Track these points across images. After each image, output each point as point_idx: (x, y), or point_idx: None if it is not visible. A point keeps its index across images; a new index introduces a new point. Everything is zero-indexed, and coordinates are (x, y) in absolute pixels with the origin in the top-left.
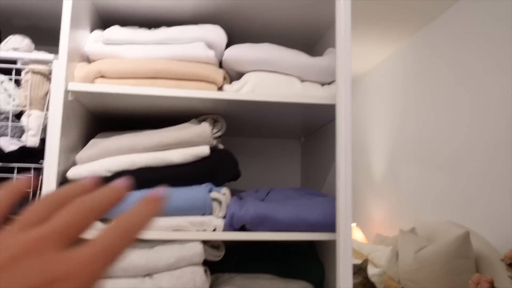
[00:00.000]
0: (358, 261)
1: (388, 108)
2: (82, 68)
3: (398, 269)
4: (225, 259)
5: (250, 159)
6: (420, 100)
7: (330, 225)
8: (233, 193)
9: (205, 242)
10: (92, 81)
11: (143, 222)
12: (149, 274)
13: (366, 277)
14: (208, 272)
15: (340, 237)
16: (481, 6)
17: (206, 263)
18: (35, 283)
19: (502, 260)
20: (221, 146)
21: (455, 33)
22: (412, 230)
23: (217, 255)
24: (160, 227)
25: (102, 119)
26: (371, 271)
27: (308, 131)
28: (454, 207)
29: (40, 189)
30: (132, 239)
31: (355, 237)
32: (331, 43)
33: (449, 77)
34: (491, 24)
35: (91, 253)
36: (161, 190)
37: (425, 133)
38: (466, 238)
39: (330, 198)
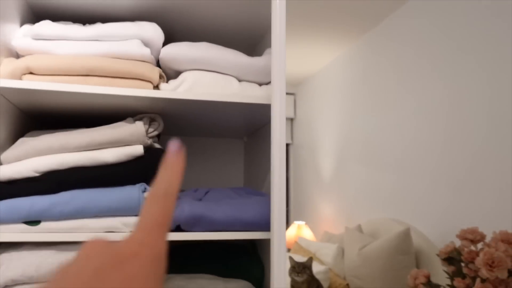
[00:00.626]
0: (304, 259)
1: (337, 109)
2: (9, 64)
3: (343, 266)
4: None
5: (193, 158)
6: (367, 102)
7: (265, 225)
8: None
9: None
10: (19, 77)
11: (176, 180)
12: None
13: (311, 275)
14: None
15: (274, 236)
16: (422, 13)
17: None
18: (104, 263)
19: (438, 255)
20: (157, 146)
21: (398, 37)
22: (358, 228)
23: None
24: (92, 229)
25: (33, 117)
26: (317, 268)
27: (250, 131)
28: (398, 205)
29: None
30: (174, 200)
31: (304, 235)
32: (270, 44)
33: (394, 80)
34: (431, 29)
35: (146, 229)
36: (175, 145)
37: (371, 134)
38: (406, 234)
39: (267, 197)
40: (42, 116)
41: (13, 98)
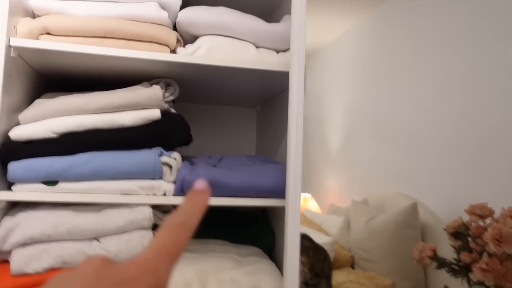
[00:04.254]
0: (311, 230)
1: (347, 82)
2: (25, 24)
3: (349, 238)
4: None
5: (205, 126)
6: (379, 75)
7: (280, 192)
8: (186, 159)
9: (155, 207)
10: (36, 37)
11: (196, 215)
12: (96, 238)
13: (311, 240)
14: None
15: (289, 203)
16: None
17: (157, 229)
18: (105, 284)
19: (445, 229)
20: (173, 111)
21: (414, 8)
22: (364, 201)
23: None
24: (109, 191)
25: (49, 79)
26: (323, 239)
27: (264, 99)
28: (405, 179)
29: None
30: (189, 233)
31: (310, 207)
32: (289, 11)
33: (408, 53)
34: (448, 0)
35: (153, 254)
36: (202, 183)
37: (381, 107)
38: (413, 208)
39: (282, 165)
40: (58, 79)
41: (29, 58)
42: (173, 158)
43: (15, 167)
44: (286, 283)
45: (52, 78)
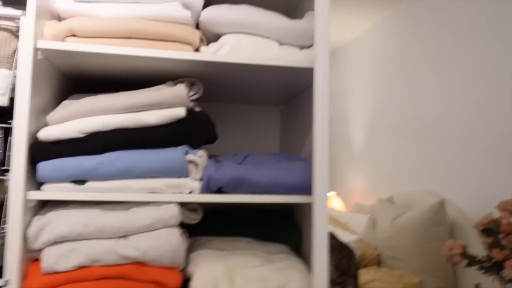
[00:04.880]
0: (337, 229)
1: (369, 78)
2: (52, 26)
3: (375, 237)
4: (203, 224)
5: (229, 125)
6: (401, 71)
7: (306, 189)
8: (211, 158)
9: (182, 205)
10: (62, 39)
11: None
12: (125, 236)
13: (336, 239)
14: (185, 235)
15: (316, 199)
16: None
17: (184, 227)
18: None
19: (475, 227)
20: (198, 109)
21: (434, 4)
22: (390, 199)
23: (194, 218)
24: (136, 189)
25: (75, 81)
26: (348, 238)
27: (287, 98)
28: (431, 176)
29: (9, 150)
30: None
31: (334, 206)
32: (311, 7)
33: (430, 47)
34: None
35: None
36: None
37: (405, 104)
38: (441, 206)
39: (308, 162)
40: (83, 80)
41: (56, 60)
42: (199, 156)
43: (44, 167)
44: (315, 281)
45: (78, 80)
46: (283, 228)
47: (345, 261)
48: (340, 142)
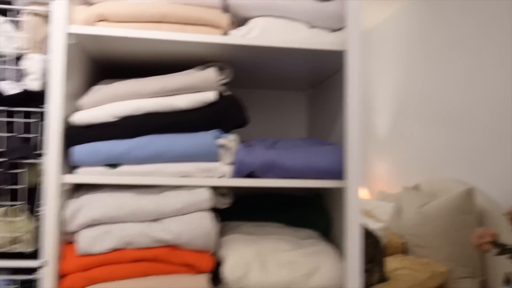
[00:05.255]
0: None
1: (393, 64)
2: (82, 11)
3: (401, 225)
4: (232, 209)
5: (255, 111)
6: (426, 56)
7: (338, 173)
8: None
9: (213, 190)
10: (92, 24)
11: None
12: (157, 219)
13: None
14: (217, 219)
15: (349, 184)
16: None
17: (214, 212)
18: None
19: (505, 215)
20: (227, 94)
21: None
22: (416, 187)
23: (224, 203)
24: (168, 173)
25: (105, 67)
26: (374, 225)
27: (315, 83)
28: (458, 164)
29: (42, 134)
30: None
31: None
32: None
33: (454, 33)
34: None
35: None
36: None
37: (430, 90)
38: (469, 193)
39: (339, 146)
40: (113, 67)
41: (87, 45)
42: (230, 140)
43: (78, 151)
44: (348, 267)
45: (107, 66)
46: (312, 214)
47: (371, 249)
48: (363, 129)
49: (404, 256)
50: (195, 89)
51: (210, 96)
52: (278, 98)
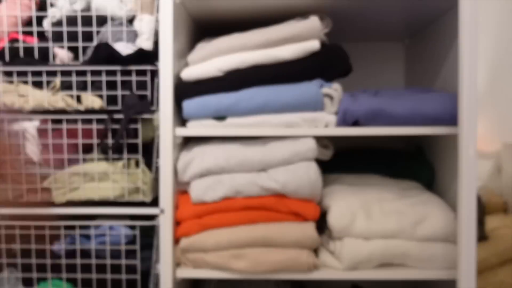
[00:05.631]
0: None
1: (494, 10)
2: None
3: (501, 183)
4: (333, 162)
5: (352, 64)
6: None
7: (450, 120)
8: None
9: (316, 141)
10: None
11: None
12: (264, 169)
13: None
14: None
15: (463, 130)
16: None
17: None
18: None
19: None
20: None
21: None
22: None
23: (327, 154)
24: (273, 124)
25: (206, 27)
26: None
27: (414, 31)
28: None
29: (157, 92)
30: None
31: None
32: None
33: None
34: None
35: None
36: None
37: None
38: None
39: (448, 93)
40: (213, 26)
41: (188, 5)
42: (334, 89)
43: (188, 105)
44: (463, 217)
45: (208, 26)
46: (415, 165)
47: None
48: None
49: (505, 215)
50: (299, 39)
51: (314, 44)
52: (375, 50)
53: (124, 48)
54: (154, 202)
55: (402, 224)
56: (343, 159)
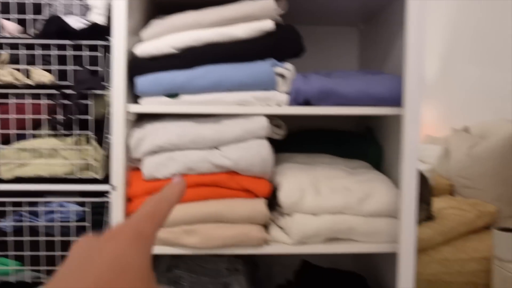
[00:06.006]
0: None
1: (447, 4)
2: None
3: (448, 167)
4: (285, 142)
5: (307, 47)
6: None
7: (396, 100)
8: None
9: (268, 120)
10: None
11: (175, 194)
12: (217, 146)
13: None
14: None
15: (407, 111)
16: None
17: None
18: (92, 241)
19: None
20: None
21: None
22: (465, 129)
23: (279, 133)
24: (226, 102)
25: (162, 6)
26: (420, 167)
27: (368, 16)
28: (510, 104)
29: (109, 67)
30: (168, 207)
31: None
32: None
33: None
34: None
35: (131, 217)
36: (177, 178)
37: (484, 27)
38: None
39: (396, 75)
40: (169, 4)
41: None
42: (287, 68)
43: (141, 82)
44: (404, 192)
45: (163, 5)
46: (363, 145)
47: (418, 187)
48: None
49: (451, 197)
50: (254, 18)
51: (268, 24)
52: (330, 34)
53: (76, 22)
54: (106, 180)
55: (349, 200)
56: (296, 139)
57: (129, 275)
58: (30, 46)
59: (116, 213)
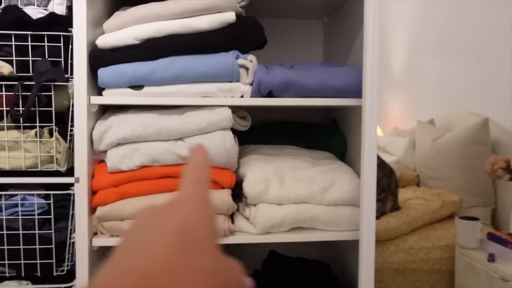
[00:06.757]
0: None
1: (412, 1)
2: None
3: (414, 158)
4: (251, 134)
5: (271, 40)
6: None
7: (356, 92)
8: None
9: (233, 112)
10: None
11: (207, 166)
12: (181, 138)
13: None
14: (237, 140)
15: (366, 102)
16: None
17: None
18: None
19: None
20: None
21: None
22: (430, 122)
23: (244, 125)
24: (190, 94)
25: None
26: (387, 159)
27: (331, 9)
28: (476, 98)
29: (71, 58)
30: (208, 171)
31: None
32: None
33: None
34: None
35: (187, 185)
36: (196, 145)
37: (448, 23)
38: (484, 124)
39: (356, 67)
40: None
41: None
42: (249, 60)
43: (104, 73)
44: (364, 181)
45: None
46: (328, 136)
47: (385, 179)
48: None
49: (417, 188)
50: (216, 10)
51: (230, 16)
52: (296, 27)
53: (35, 12)
54: (70, 172)
55: (312, 190)
56: (262, 131)
57: (198, 243)
58: None
59: (80, 205)
